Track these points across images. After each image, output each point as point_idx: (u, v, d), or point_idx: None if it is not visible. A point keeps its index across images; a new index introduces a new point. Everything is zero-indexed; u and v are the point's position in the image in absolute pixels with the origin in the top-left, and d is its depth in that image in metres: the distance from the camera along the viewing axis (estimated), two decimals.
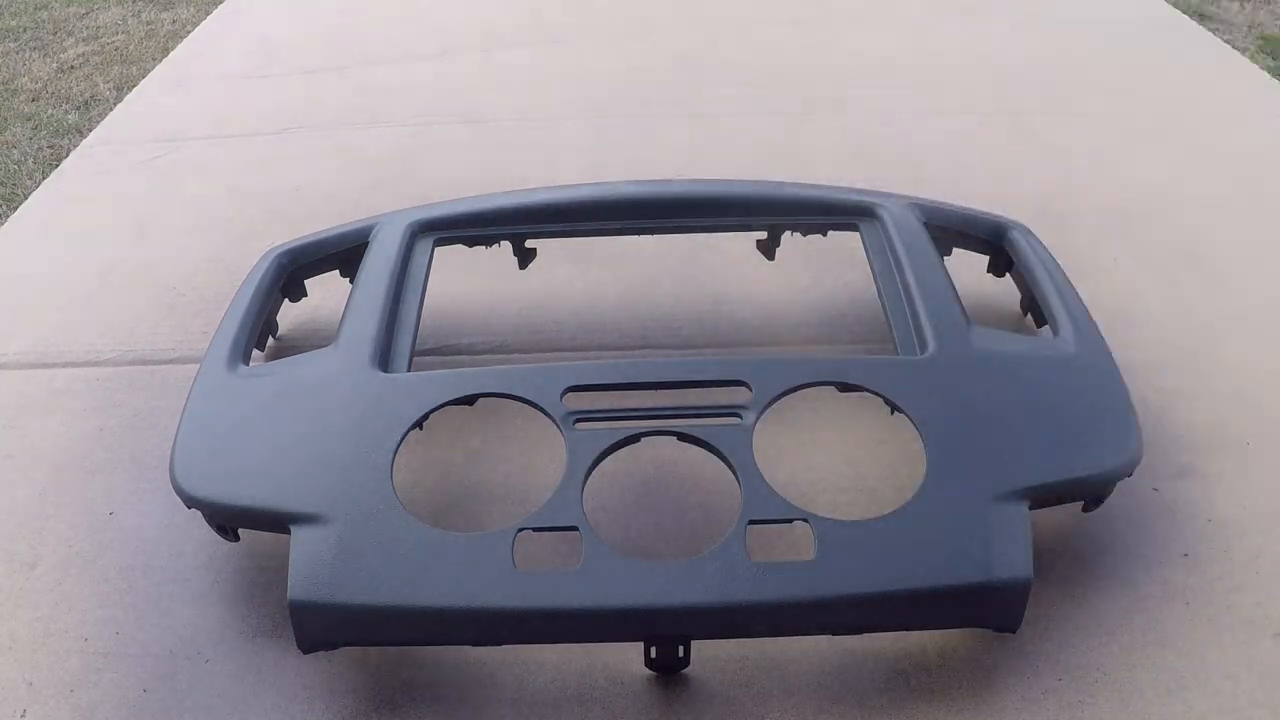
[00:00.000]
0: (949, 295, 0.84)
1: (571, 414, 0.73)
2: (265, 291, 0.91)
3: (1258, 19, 3.70)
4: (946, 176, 1.23)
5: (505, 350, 0.98)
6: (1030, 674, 0.68)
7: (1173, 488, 0.81)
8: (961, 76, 1.48)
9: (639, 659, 0.67)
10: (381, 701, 0.67)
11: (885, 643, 0.70)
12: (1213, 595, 0.73)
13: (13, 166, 2.98)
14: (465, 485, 0.83)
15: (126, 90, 1.98)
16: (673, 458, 0.82)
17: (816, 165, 1.26)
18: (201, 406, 0.78)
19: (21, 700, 0.68)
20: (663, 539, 0.77)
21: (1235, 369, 0.93)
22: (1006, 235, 0.95)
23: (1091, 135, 1.32)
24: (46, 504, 0.83)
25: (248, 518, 0.72)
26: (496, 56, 1.60)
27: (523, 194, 1.01)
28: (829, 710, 0.66)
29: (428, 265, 0.92)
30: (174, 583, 0.76)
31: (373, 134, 1.37)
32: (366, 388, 0.77)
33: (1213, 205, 1.17)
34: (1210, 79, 1.47)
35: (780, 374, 0.76)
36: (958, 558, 0.64)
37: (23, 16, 4.03)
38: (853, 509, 0.79)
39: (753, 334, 0.98)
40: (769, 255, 1.01)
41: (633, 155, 1.30)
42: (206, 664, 0.70)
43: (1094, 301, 0.88)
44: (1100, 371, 0.78)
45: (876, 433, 0.86)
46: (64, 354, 0.99)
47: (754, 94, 1.45)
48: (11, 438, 0.89)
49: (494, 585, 0.63)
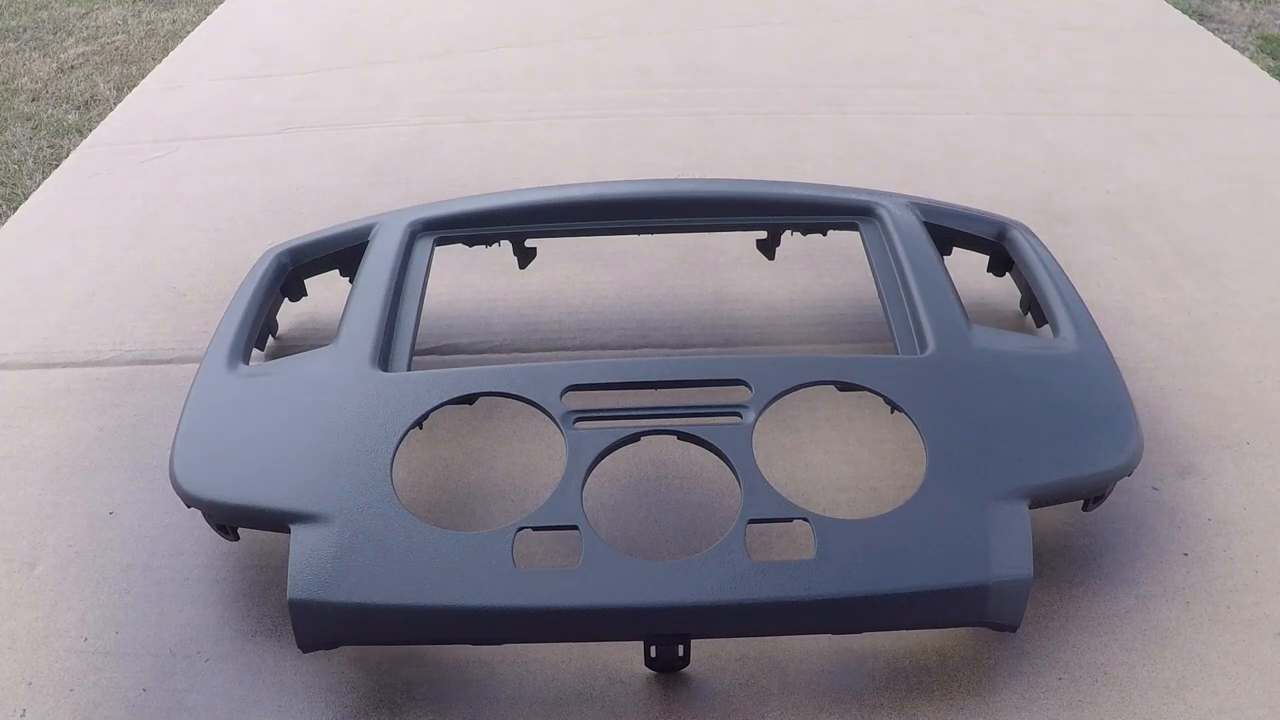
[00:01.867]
0: (949, 294, 0.84)
1: (571, 413, 0.73)
2: (265, 291, 0.91)
3: (1258, 19, 3.70)
4: (946, 176, 1.23)
5: (505, 349, 0.98)
6: (1030, 673, 0.68)
7: (1173, 487, 0.81)
8: (961, 76, 1.48)
9: (639, 658, 0.67)
10: (381, 701, 0.67)
11: (885, 641, 0.70)
12: (1213, 595, 0.73)
13: (13, 166, 2.98)
14: (465, 484, 0.83)
15: (126, 90, 1.98)
16: (672, 457, 0.82)
17: (816, 165, 1.26)
18: (201, 406, 0.78)
19: (21, 700, 0.68)
20: (662, 538, 0.78)
21: (1235, 369, 0.93)
22: (1006, 234, 0.95)
23: (1091, 135, 1.32)
24: (46, 504, 0.83)
25: (247, 517, 0.72)
26: (496, 56, 1.60)
27: (522, 193, 1.01)
28: (829, 709, 0.66)
29: (427, 265, 0.92)
30: (174, 583, 0.76)
31: (373, 134, 1.37)
32: (366, 387, 0.77)
33: (1213, 205, 1.17)
34: (1210, 79, 1.47)
35: (780, 373, 0.76)
36: (958, 557, 0.64)
37: (23, 16, 4.04)
38: (853, 508, 0.79)
39: (753, 333, 0.99)
40: (769, 255, 1.01)
41: (633, 155, 1.30)
42: (206, 663, 0.70)
43: (1094, 301, 0.88)
44: (1100, 371, 0.78)
45: (876, 432, 0.86)
46: (64, 354, 0.99)
47: (754, 94, 1.45)
48: (11, 438, 0.89)
49: (494, 584, 0.63)
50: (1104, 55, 1.55)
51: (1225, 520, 0.78)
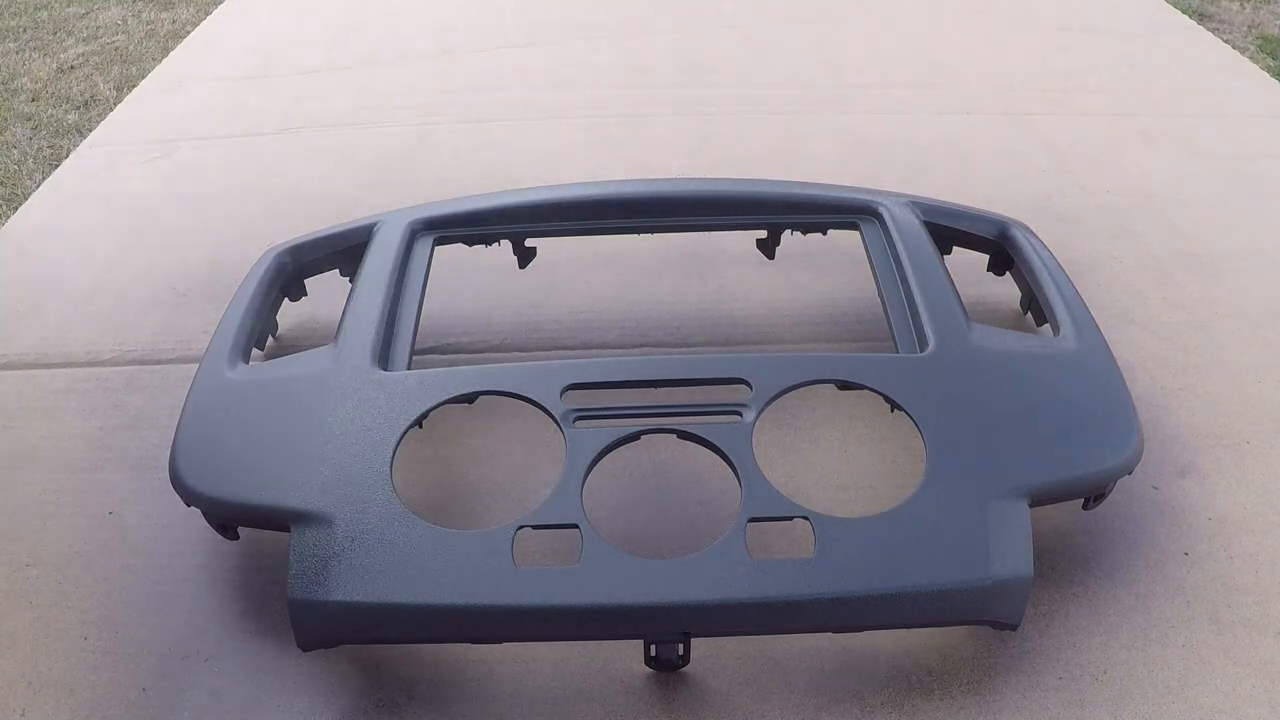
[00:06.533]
0: (949, 293, 0.84)
1: (571, 412, 0.73)
2: (265, 290, 0.91)
3: (1258, 19, 3.70)
4: (946, 176, 1.23)
5: (505, 349, 0.98)
6: (1030, 672, 0.68)
7: (1173, 486, 0.81)
8: (961, 76, 1.48)
9: (639, 657, 0.67)
10: (381, 700, 0.67)
11: (885, 640, 0.70)
12: (1213, 594, 0.73)
13: (13, 166, 2.98)
14: (465, 483, 0.83)
15: (126, 90, 1.98)
16: (673, 455, 0.82)
17: (816, 165, 1.26)
18: (201, 404, 0.78)
19: (21, 700, 0.68)
20: (662, 536, 0.78)
21: (1235, 369, 0.93)
22: (1007, 234, 0.95)
23: (1091, 135, 1.32)
24: (46, 504, 0.83)
25: (247, 515, 0.72)
26: (496, 56, 1.60)
27: (522, 193, 1.01)
28: (829, 708, 0.66)
29: (427, 264, 0.92)
30: (174, 582, 0.76)
31: (373, 134, 1.37)
32: (366, 386, 0.77)
33: (1213, 205, 1.17)
34: (1210, 79, 1.47)
35: (780, 372, 0.76)
36: (958, 555, 0.64)
37: (23, 16, 4.04)
38: (853, 507, 0.79)
39: (753, 332, 0.99)
40: (769, 254, 1.01)
41: (633, 155, 1.30)
42: (206, 663, 0.70)
43: (1094, 301, 0.88)
44: (1100, 369, 0.78)
45: (876, 430, 0.86)
46: (64, 354, 0.99)
47: (754, 94, 1.45)
48: (11, 438, 0.89)
49: (493, 583, 0.63)
50: (1104, 55, 1.54)
51: (1225, 519, 0.78)
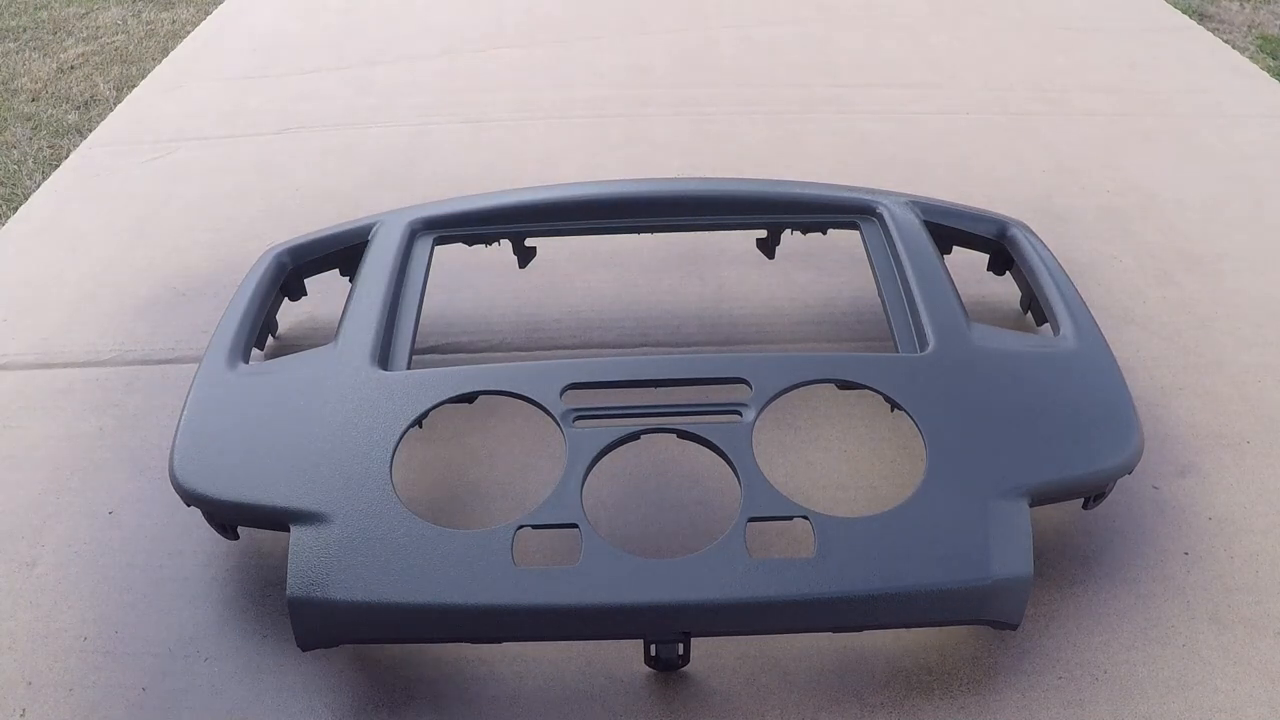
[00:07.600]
0: (949, 293, 0.84)
1: (571, 411, 0.73)
2: (265, 290, 0.91)
3: (1258, 19, 3.70)
4: (946, 176, 1.23)
5: (505, 348, 0.98)
6: (1030, 671, 0.68)
7: (1173, 486, 0.81)
8: (961, 76, 1.48)
9: (639, 657, 0.67)
10: (381, 700, 0.67)
11: (885, 640, 0.70)
12: (1213, 593, 0.73)
13: (13, 166, 2.98)
14: (464, 483, 0.83)
15: (126, 90, 1.98)
16: (672, 455, 0.82)
17: (816, 165, 1.26)
18: (201, 404, 0.78)
19: (21, 700, 0.68)
20: (662, 536, 0.78)
21: (1235, 368, 0.93)
22: (1007, 233, 0.95)
23: (1091, 135, 1.32)
24: (46, 504, 0.83)
25: (247, 515, 0.72)
26: (496, 56, 1.60)
27: (522, 192, 1.01)
28: (829, 707, 0.66)
29: (427, 264, 0.92)
30: (174, 582, 0.76)
31: (373, 134, 1.37)
32: (366, 385, 0.77)
33: (1213, 205, 1.17)
34: (1210, 79, 1.47)
35: (780, 371, 0.76)
36: (958, 555, 0.64)
37: (23, 16, 4.04)
38: (853, 506, 0.79)
39: (753, 332, 0.99)
40: (769, 253, 1.01)
41: (633, 155, 1.30)
42: (206, 663, 0.70)
43: (1094, 301, 0.88)
44: (1100, 369, 0.78)
45: (876, 430, 0.86)
46: (64, 354, 0.99)
47: (754, 93, 1.45)
48: (11, 438, 0.89)
49: (493, 582, 0.63)
50: (1104, 55, 1.55)
51: (1226, 519, 0.78)
